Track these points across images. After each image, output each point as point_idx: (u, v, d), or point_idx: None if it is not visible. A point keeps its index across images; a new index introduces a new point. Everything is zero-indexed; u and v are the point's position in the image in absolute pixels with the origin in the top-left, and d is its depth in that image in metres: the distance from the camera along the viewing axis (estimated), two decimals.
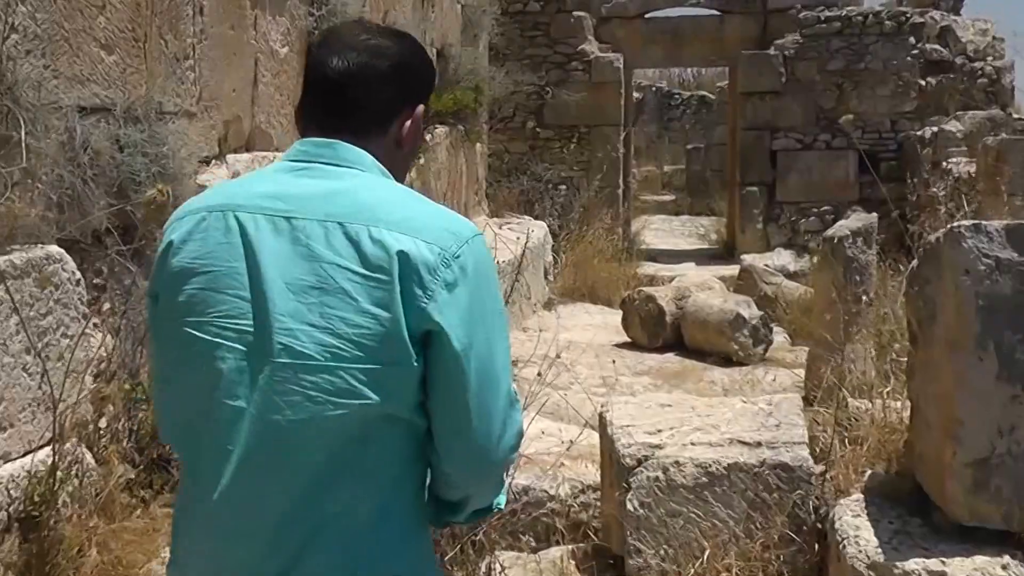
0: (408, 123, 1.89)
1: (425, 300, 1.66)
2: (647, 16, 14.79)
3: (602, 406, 3.74)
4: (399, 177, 1.89)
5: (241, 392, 1.70)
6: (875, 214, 6.91)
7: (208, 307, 1.73)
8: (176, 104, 4.80)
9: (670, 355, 8.85)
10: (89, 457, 3.39)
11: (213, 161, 5.22)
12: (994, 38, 13.44)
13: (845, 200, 13.44)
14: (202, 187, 4.48)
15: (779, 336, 9.17)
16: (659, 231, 18.02)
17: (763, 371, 8.17)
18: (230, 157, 5.37)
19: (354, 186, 1.76)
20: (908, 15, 13.38)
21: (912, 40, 13.38)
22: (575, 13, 14.16)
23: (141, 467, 3.54)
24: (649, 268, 13.29)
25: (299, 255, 1.70)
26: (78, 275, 3.55)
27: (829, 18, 13.57)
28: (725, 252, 14.78)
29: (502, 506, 2.02)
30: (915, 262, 3.06)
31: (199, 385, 1.73)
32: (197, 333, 1.73)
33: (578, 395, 6.83)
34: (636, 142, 19.26)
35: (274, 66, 6.15)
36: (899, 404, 3.58)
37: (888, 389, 3.72)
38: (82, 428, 3.44)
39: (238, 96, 5.68)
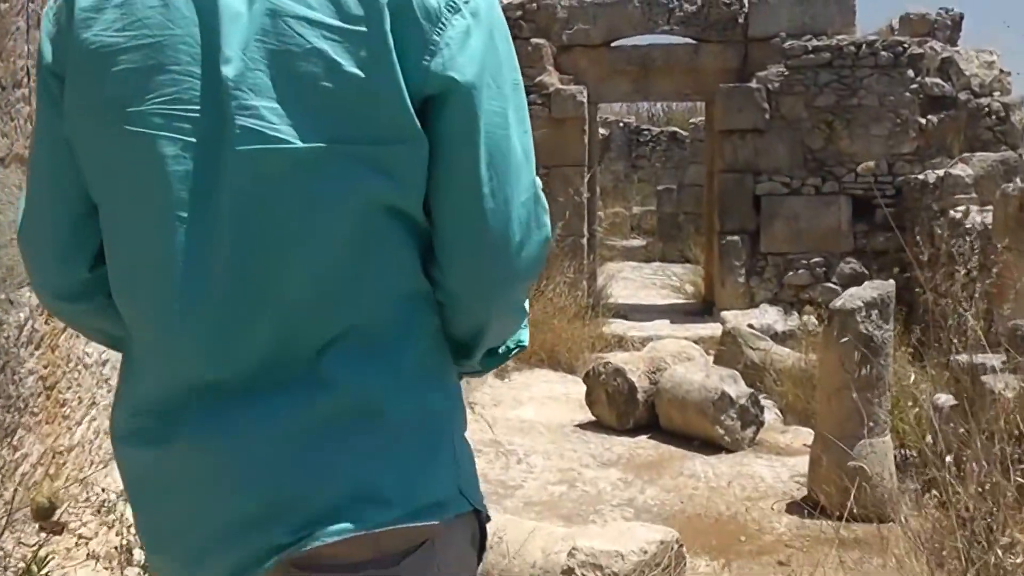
0: None
1: (428, 57, 1.37)
2: (613, 44, 13.95)
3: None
4: None
5: (193, 195, 1.38)
6: (892, 281, 6.00)
7: (146, 92, 1.39)
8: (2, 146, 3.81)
9: (643, 439, 7.88)
10: None
11: None
12: (1001, 71, 12.62)
13: (838, 251, 12.74)
14: None
15: (769, 412, 8.25)
16: (628, 280, 17.26)
17: (755, 459, 7.28)
18: None
19: None
20: (906, 45, 12.54)
21: (910, 73, 12.57)
22: (533, 41, 13.27)
23: None
24: (618, 327, 12.44)
25: (256, 12, 1.36)
26: None
27: (817, 48, 12.74)
28: (702, 308, 13.98)
29: (525, 344, 1.73)
30: None
31: (141, 200, 1.41)
32: (132, 128, 1.39)
33: (531, 503, 5.90)
34: (602, 182, 18.60)
35: None
36: None
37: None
38: None
39: None
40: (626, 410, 8.05)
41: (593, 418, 8.34)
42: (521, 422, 8.27)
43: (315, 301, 1.40)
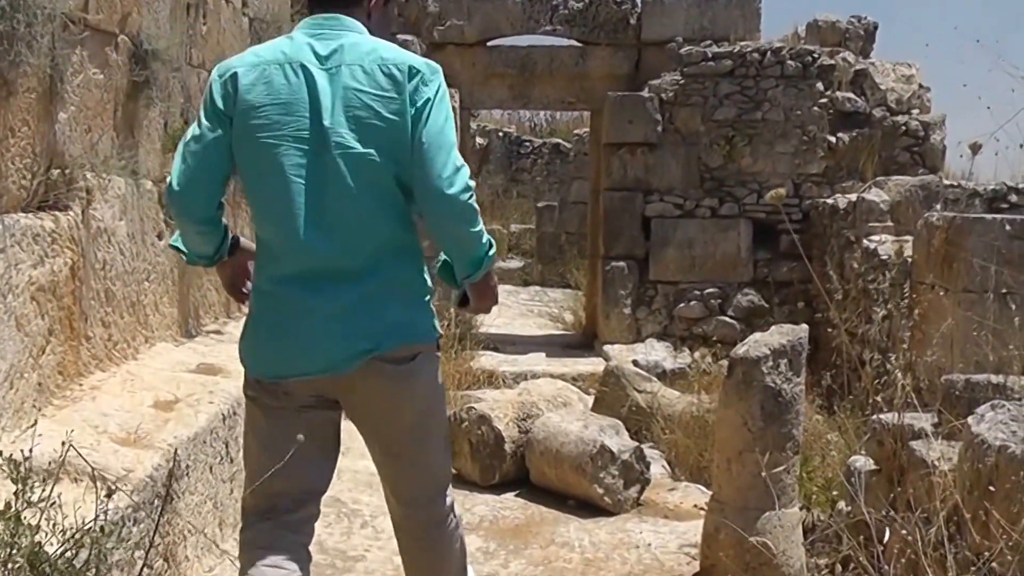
0: (373, 2, 3.61)
1: (416, 99, 3.31)
2: (490, 44, 13.56)
3: None
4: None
5: (308, 177, 3.29)
6: (805, 325, 5.48)
7: (283, 125, 3.29)
8: None
9: (510, 497, 7.29)
10: None
11: None
12: (920, 86, 12.37)
13: (735, 281, 12.45)
14: None
15: (656, 465, 7.72)
16: (504, 307, 16.74)
17: (639, 524, 6.74)
18: None
19: (356, 40, 3.41)
20: (815, 55, 12.23)
21: (820, 86, 12.29)
22: (401, 37, 12.67)
23: None
24: (488, 361, 11.97)
25: (337, 87, 3.30)
26: None
27: (718, 55, 12.38)
28: (583, 340, 13.63)
29: (492, 255, 3.54)
30: None
31: (279, 178, 3.31)
32: (276, 142, 3.29)
33: None
34: (479, 196, 18.02)
35: None
36: None
37: None
38: None
39: None
40: (491, 463, 7.47)
41: (453, 471, 7.72)
42: (371, 475, 7.56)
43: (370, 226, 3.31)
